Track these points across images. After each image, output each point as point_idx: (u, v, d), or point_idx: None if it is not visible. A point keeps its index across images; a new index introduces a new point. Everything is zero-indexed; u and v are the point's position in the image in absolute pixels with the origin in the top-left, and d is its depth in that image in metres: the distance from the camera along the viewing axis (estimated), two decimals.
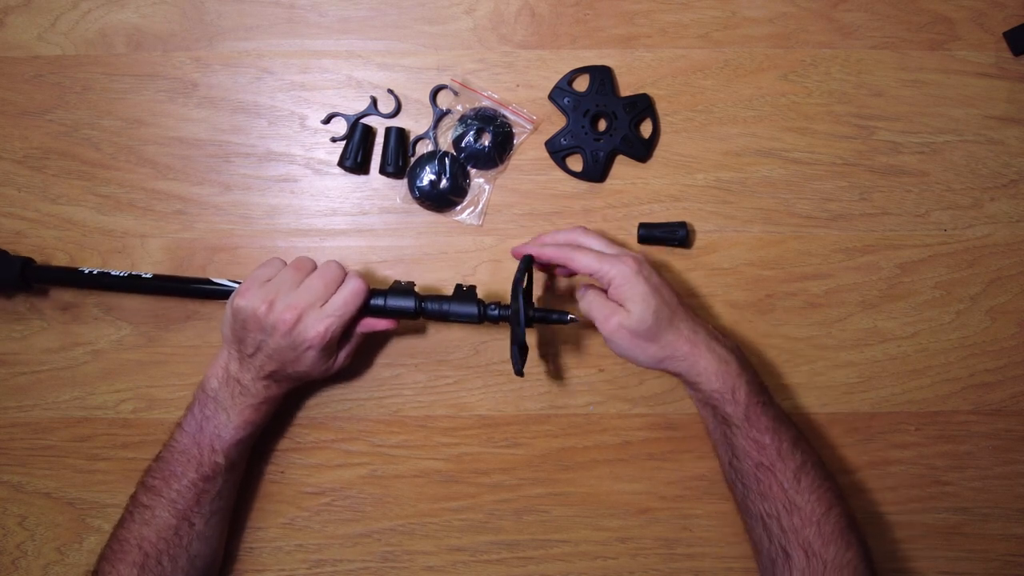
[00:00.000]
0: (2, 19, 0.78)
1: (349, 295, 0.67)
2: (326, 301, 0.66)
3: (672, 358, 0.66)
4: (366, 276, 0.71)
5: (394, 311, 0.69)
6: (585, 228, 0.71)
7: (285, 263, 0.69)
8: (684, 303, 0.69)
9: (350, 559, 0.76)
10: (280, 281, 0.67)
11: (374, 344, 0.77)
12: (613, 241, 0.71)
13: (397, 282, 0.71)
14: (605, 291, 0.68)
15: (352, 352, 0.71)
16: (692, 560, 0.76)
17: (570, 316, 0.68)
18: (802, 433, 0.68)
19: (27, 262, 0.74)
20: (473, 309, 0.69)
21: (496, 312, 0.69)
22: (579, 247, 0.68)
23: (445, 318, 0.70)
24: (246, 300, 0.66)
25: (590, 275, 0.67)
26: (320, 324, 0.65)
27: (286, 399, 0.73)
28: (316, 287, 0.66)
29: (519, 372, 0.67)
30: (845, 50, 0.79)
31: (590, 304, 0.67)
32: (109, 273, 0.73)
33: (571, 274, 0.74)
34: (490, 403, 0.77)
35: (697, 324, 0.68)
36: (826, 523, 0.63)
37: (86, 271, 0.73)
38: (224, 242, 0.78)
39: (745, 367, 0.68)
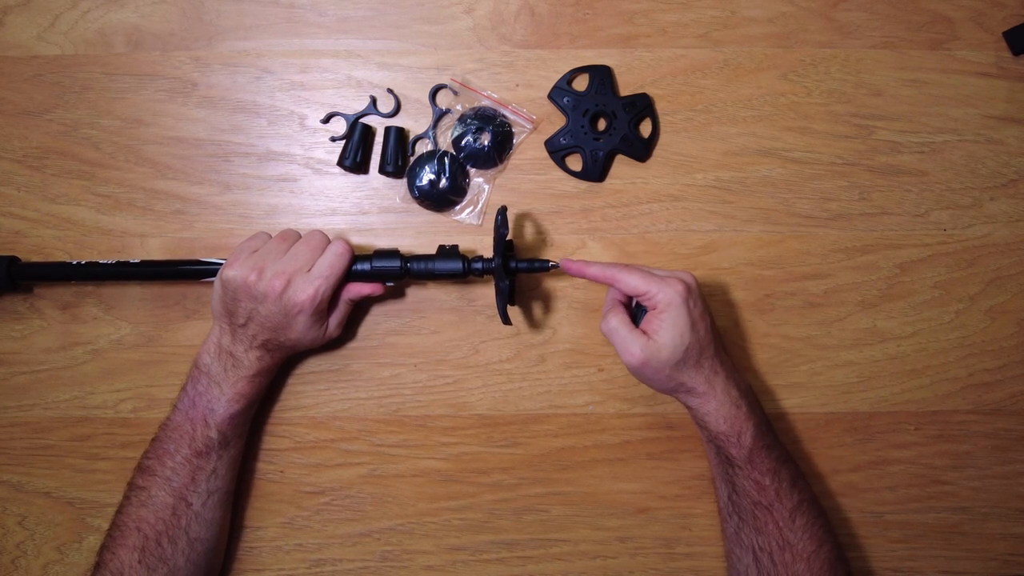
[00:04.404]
0: (2, 19, 0.78)
1: (334, 257, 0.69)
2: (313, 266, 0.68)
3: (686, 392, 0.67)
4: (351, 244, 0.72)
5: (380, 272, 0.71)
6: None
7: (270, 236, 0.71)
8: (716, 336, 0.68)
9: (350, 558, 0.76)
10: (267, 251, 0.68)
11: (374, 345, 0.77)
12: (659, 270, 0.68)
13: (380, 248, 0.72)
14: (632, 313, 0.67)
15: (342, 321, 0.73)
16: (691, 559, 0.76)
17: (551, 263, 0.70)
18: (800, 470, 0.69)
19: (12, 260, 0.74)
20: (458, 264, 0.70)
21: (480, 265, 0.71)
22: (626, 267, 0.67)
23: (431, 276, 0.71)
24: (235, 270, 0.67)
25: (636, 296, 0.66)
26: (309, 287, 0.67)
27: (279, 373, 0.74)
28: (302, 253, 0.68)
29: (506, 322, 0.69)
30: (844, 50, 0.79)
31: (613, 332, 0.66)
32: (97, 263, 0.73)
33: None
34: (489, 403, 0.77)
35: (719, 363, 0.67)
36: (816, 559, 0.65)
37: (73, 263, 0.73)
38: (223, 242, 0.78)
39: (754, 410, 0.68)
